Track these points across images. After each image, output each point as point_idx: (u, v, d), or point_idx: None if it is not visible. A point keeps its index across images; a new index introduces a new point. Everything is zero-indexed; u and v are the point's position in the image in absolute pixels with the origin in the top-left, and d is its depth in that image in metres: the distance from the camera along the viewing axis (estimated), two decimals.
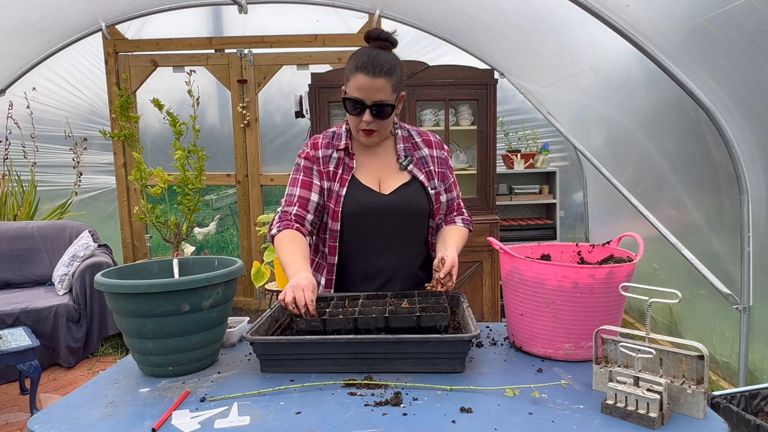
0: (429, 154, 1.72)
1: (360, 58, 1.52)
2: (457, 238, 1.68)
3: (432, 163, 1.71)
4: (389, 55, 1.55)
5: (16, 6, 3.59)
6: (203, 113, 4.84)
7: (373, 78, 1.49)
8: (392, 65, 1.53)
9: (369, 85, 1.50)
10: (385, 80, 1.50)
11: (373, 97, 1.52)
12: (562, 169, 4.87)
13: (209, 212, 5.32)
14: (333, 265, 1.67)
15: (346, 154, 1.66)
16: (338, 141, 1.67)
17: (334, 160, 1.65)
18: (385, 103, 1.54)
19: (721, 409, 1.70)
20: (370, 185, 1.64)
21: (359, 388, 1.18)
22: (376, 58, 1.51)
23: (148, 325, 1.23)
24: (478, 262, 3.77)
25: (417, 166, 1.68)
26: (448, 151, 1.78)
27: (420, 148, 1.72)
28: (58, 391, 3.34)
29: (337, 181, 1.63)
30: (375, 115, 1.55)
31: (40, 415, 1.10)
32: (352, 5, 4.51)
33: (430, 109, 4.00)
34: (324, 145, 1.68)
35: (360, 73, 1.50)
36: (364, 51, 1.54)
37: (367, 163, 1.68)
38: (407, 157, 1.68)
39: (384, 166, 1.68)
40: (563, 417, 1.04)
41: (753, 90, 2.25)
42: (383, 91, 1.52)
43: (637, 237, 1.41)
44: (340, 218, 1.62)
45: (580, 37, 3.20)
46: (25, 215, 4.66)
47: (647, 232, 3.36)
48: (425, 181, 1.67)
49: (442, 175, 1.72)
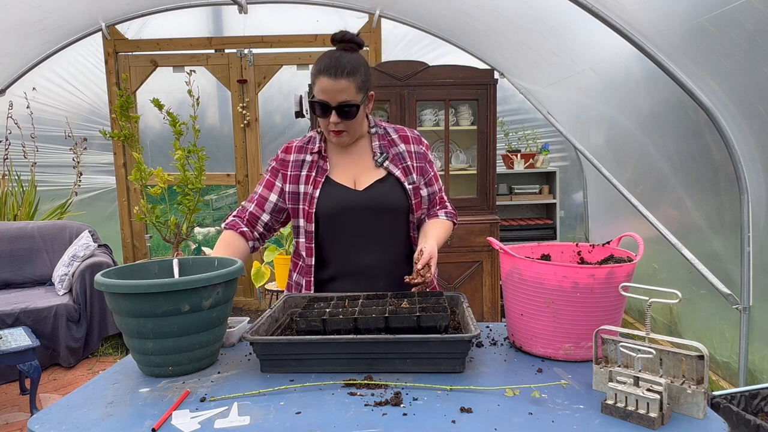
0: (406, 149, 1.72)
1: (322, 62, 1.55)
2: (438, 231, 1.68)
3: (409, 158, 1.71)
4: (352, 56, 1.57)
5: (16, 6, 3.59)
6: (203, 113, 4.84)
7: (335, 80, 1.52)
8: (354, 66, 1.55)
9: (332, 87, 1.53)
10: (347, 81, 1.53)
11: (337, 98, 1.54)
12: (562, 169, 4.87)
13: (209, 212, 5.32)
14: (311, 266, 1.70)
15: (320, 157, 1.69)
16: (312, 145, 1.72)
17: (308, 164, 1.70)
18: (350, 103, 1.56)
19: (721, 409, 1.70)
20: (345, 183, 1.67)
21: (359, 388, 1.18)
22: (338, 60, 1.53)
23: (148, 325, 1.23)
24: (478, 262, 3.77)
25: (393, 162, 1.69)
26: (426, 145, 1.78)
27: (396, 144, 1.73)
28: (58, 391, 3.34)
29: (311, 183, 1.66)
30: (341, 116, 1.57)
31: (40, 415, 1.10)
32: (352, 5, 4.51)
33: (430, 109, 4.01)
34: (297, 149, 1.73)
35: (323, 76, 1.53)
36: (327, 54, 1.57)
37: (342, 163, 1.70)
38: (383, 153, 1.69)
39: (359, 164, 1.70)
40: (563, 417, 1.04)
41: (753, 90, 2.25)
42: (347, 92, 1.54)
43: (637, 237, 1.41)
44: (314, 219, 1.65)
45: (580, 37, 3.20)
46: (25, 215, 4.66)
47: (647, 232, 3.36)
48: (401, 176, 1.67)
49: (420, 169, 1.72)
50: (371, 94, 1.65)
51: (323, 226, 1.67)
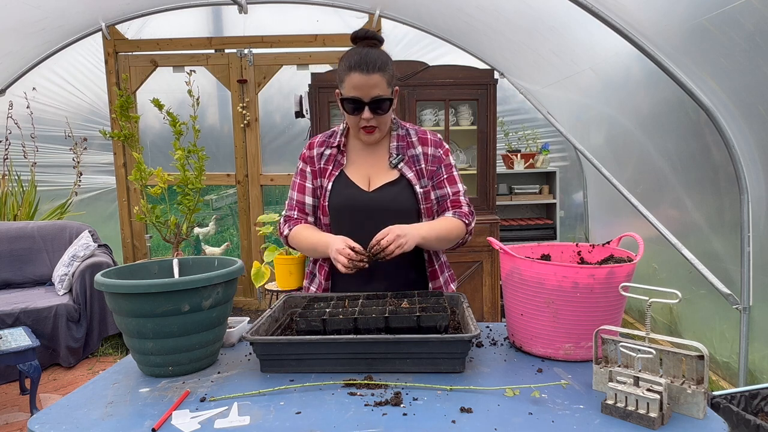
0: (423, 152, 1.70)
1: (352, 58, 1.55)
2: (435, 224, 1.63)
3: (424, 161, 1.69)
4: (379, 51, 1.58)
5: (16, 6, 3.59)
6: (203, 113, 4.84)
7: (368, 75, 1.52)
8: (384, 61, 1.56)
9: (365, 83, 1.53)
10: (379, 76, 1.54)
11: (371, 94, 1.55)
12: (562, 169, 4.87)
13: (209, 212, 5.32)
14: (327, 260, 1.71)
15: (338, 151, 1.71)
16: (334, 139, 1.73)
17: (326, 156, 1.71)
18: (383, 97, 1.56)
19: (721, 409, 1.70)
20: (357, 182, 1.67)
21: (359, 388, 1.18)
22: (368, 56, 1.54)
23: (148, 325, 1.23)
24: (478, 262, 3.77)
25: (408, 164, 1.68)
26: (446, 150, 1.74)
27: (414, 146, 1.71)
28: (58, 391, 3.34)
29: (327, 177, 1.69)
30: (374, 111, 1.57)
31: (40, 415, 1.10)
32: (352, 5, 4.51)
33: (430, 109, 4.01)
34: (319, 143, 1.74)
35: (354, 72, 1.53)
36: (355, 51, 1.57)
37: (359, 161, 1.71)
38: (398, 155, 1.68)
39: (375, 164, 1.70)
40: (563, 417, 1.04)
41: (753, 90, 2.25)
42: (379, 87, 1.55)
43: (637, 237, 1.41)
44: (327, 212, 1.68)
45: (580, 37, 3.20)
46: (25, 215, 4.66)
47: (647, 232, 3.36)
48: (414, 179, 1.66)
49: (432, 172, 1.70)
50: (396, 89, 1.65)
51: (332, 220, 1.69)
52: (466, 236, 1.71)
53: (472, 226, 1.71)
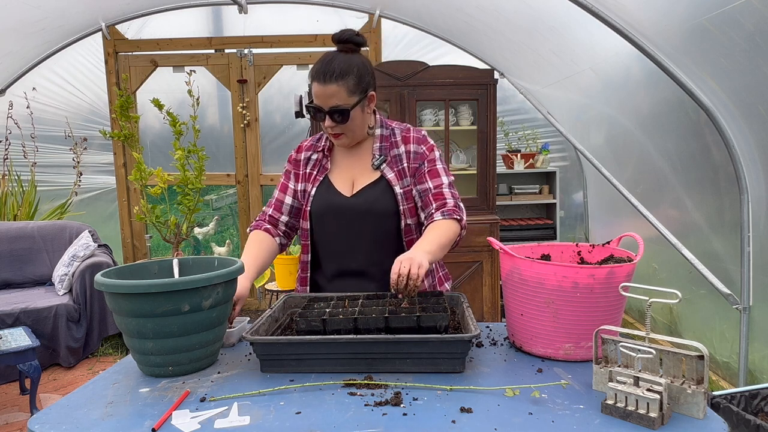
0: (405, 150, 1.67)
1: (315, 66, 1.55)
2: (430, 236, 1.52)
3: (406, 160, 1.66)
4: (346, 58, 1.54)
5: (16, 6, 3.59)
6: (203, 113, 4.84)
7: (324, 85, 1.51)
8: (345, 69, 1.51)
9: (322, 92, 1.53)
10: (336, 86, 1.51)
11: (328, 103, 1.54)
12: (562, 169, 4.87)
13: (209, 212, 5.32)
14: (306, 263, 1.74)
15: (323, 155, 1.71)
16: (321, 143, 1.74)
17: (312, 161, 1.73)
18: (341, 107, 1.53)
19: (721, 409, 1.70)
20: (341, 186, 1.67)
21: (359, 388, 1.18)
22: (329, 65, 1.52)
23: (148, 325, 1.23)
24: (478, 262, 3.77)
25: (390, 164, 1.66)
26: (430, 146, 1.68)
27: (398, 146, 1.68)
28: (58, 391, 3.34)
29: (311, 181, 1.70)
30: (333, 120, 1.56)
31: (40, 415, 1.10)
32: (352, 5, 4.51)
33: (430, 109, 4.01)
34: (307, 147, 1.76)
35: (314, 81, 1.54)
36: (321, 58, 1.56)
37: (343, 164, 1.70)
38: (381, 156, 1.67)
39: (359, 166, 1.69)
40: (563, 417, 1.04)
41: (753, 90, 2.25)
42: (337, 96, 1.52)
43: (637, 237, 1.41)
44: (309, 217, 1.69)
45: (580, 37, 3.20)
46: (25, 215, 4.66)
47: (647, 232, 3.36)
48: (394, 180, 1.64)
49: (414, 169, 1.65)
50: (371, 95, 1.60)
51: (315, 225, 1.69)
52: (461, 231, 1.62)
53: (464, 220, 1.62)
